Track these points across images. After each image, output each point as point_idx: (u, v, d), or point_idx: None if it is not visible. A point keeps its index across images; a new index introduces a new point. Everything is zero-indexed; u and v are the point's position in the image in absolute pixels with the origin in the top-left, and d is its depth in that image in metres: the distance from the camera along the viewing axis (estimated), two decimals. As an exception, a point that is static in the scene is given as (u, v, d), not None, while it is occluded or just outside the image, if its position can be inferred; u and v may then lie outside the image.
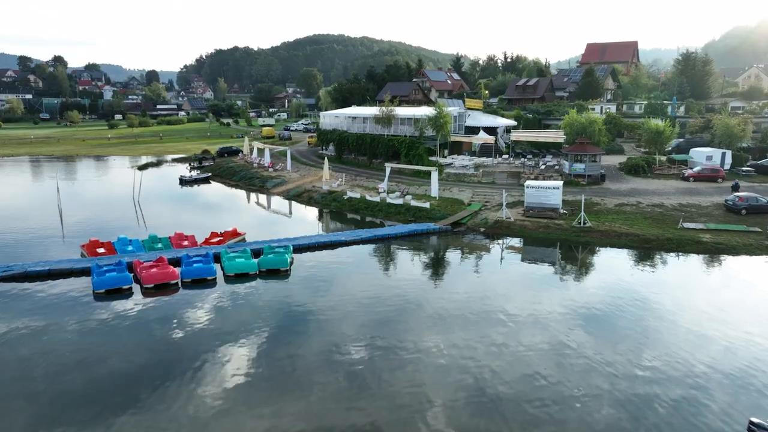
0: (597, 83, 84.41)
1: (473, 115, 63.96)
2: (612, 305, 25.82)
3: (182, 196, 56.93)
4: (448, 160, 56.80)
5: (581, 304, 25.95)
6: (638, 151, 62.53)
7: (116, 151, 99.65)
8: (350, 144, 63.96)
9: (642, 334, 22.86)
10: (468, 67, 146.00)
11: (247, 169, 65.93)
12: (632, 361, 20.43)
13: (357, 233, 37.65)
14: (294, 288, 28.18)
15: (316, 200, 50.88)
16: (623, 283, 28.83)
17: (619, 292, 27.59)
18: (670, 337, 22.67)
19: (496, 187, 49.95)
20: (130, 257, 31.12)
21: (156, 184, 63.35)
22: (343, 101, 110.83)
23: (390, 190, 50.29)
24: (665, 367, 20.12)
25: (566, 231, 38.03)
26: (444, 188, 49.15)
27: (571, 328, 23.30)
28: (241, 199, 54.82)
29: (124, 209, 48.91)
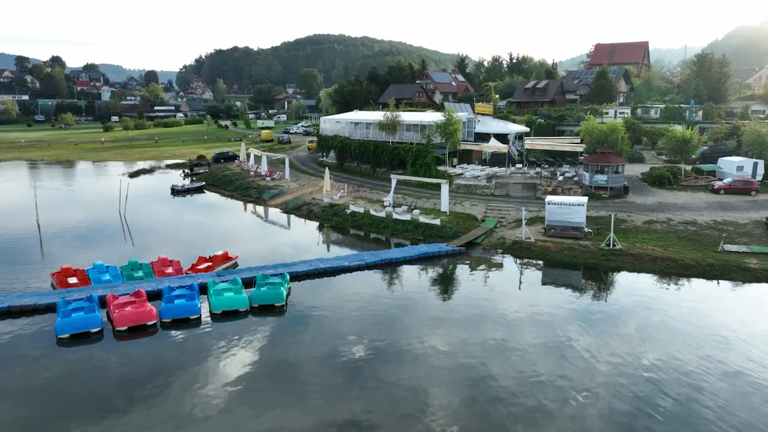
0: (610, 86, 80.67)
1: (483, 121, 60.19)
2: (669, 363, 21.77)
3: (173, 208, 53.15)
4: (458, 170, 53.01)
5: (630, 360, 21.98)
6: (659, 159, 58.72)
7: (109, 155, 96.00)
8: (352, 151, 60.21)
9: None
10: (472, 68, 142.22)
11: (243, 177, 62.19)
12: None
13: (361, 257, 33.86)
14: (291, 333, 24.24)
15: (316, 214, 47.10)
16: (674, 328, 24.61)
17: (676, 344, 23.54)
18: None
19: (511, 200, 46.17)
20: (104, 289, 27.36)
21: (146, 193, 59.66)
22: (344, 104, 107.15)
23: (396, 203, 46.54)
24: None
25: (594, 254, 34.23)
26: (454, 201, 45.39)
27: (626, 392, 19.49)
28: (235, 212, 51.01)
29: (108, 224, 45.21)
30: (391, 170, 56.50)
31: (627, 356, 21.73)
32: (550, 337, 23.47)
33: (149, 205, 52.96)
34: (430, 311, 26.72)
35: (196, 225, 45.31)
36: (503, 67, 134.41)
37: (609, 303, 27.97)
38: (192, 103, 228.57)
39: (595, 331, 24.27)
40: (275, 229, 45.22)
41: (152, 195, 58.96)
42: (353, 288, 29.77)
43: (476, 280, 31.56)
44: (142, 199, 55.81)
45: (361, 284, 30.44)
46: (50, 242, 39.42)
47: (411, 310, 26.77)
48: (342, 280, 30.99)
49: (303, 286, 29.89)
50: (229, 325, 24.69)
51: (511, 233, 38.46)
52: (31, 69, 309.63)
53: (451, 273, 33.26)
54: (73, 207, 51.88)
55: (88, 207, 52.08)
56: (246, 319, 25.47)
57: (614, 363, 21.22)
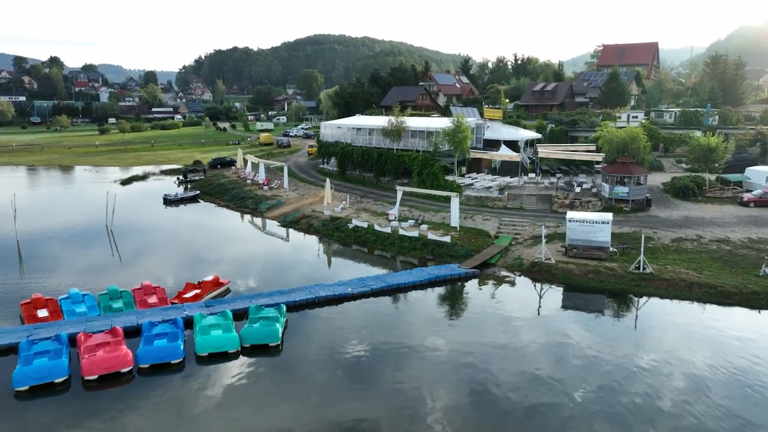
0: (622, 89, 77.46)
1: (492, 127, 57.01)
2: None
3: (164, 219, 49.98)
4: (467, 180, 49.83)
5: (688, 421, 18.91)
6: (679, 167, 55.52)
7: (103, 160, 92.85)
8: (354, 159, 57.04)
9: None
10: (476, 69, 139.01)
11: (239, 186, 59.04)
12: None
13: (366, 282, 30.69)
14: (286, 383, 20.98)
15: (316, 228, 43.95)
16: (737, 384, 21.61)
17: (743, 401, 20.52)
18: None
19: (526, 214, 42.98)
20: (76, 325, 24.22)
21: (137, 202, 56.60)
22: (345, 106, 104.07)
23: (402, 217, 43.42)
24: None
25: (622, 279, 31.05)
26: (465, 215, 42.22)
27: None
28: (230, 225, 47.79)
29: (94, 239, 42.13)
30: (396, 179, 53.41)
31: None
32: (586, 391, 20.32)
33: (139, 217, 49.83)
34: (444, 351, 23.54)
35: (187, 240, 42.16)
36: (508, 69, 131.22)
37: (650, 347, 24.35)
38: (191, 105, 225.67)
39: (640, 386, 21.08)
40: (272, 245, 41.98)
41: (144, 204, 55.86)
42: (357, 320, 26.60)
43: (494, 310, 28.33)
44: (133, 209, 52.81)
45: (365, 315, 27.27)
46: (28, 260, 36.31)
47: (423, 350, 23.60)
48: (345, 310, 27.82)
49: (301, 318, 26.72)
50: (216, 372, 21.52)
51: (529, 252, 35.30)
52: (29, 69, 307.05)
53: (465, 301, 30.06)
54: (57, 218, 48.73)
55: (74, 218, 48.98)
56: (236, 361, 22.30)
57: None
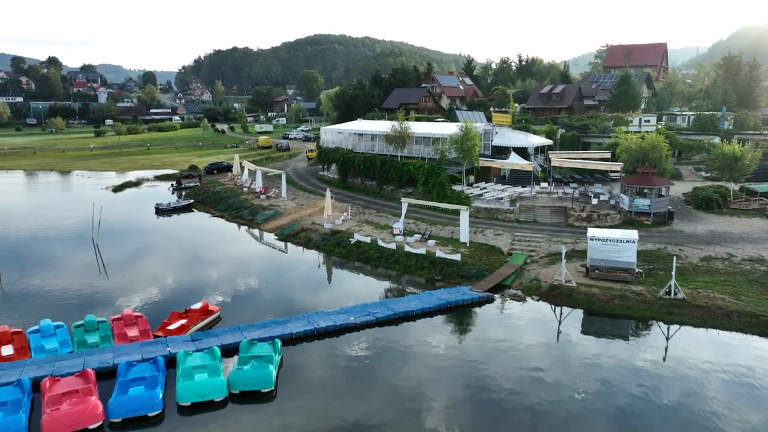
0: (634, 92, 74.58)
1: (501, 132, 54.19)
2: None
3: (154, 231, 47.18)
4: (476, 191, 47.01)
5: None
6: (698, 175, 52.69)
7: (96, 164, 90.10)
8: (356, 166, 54.24)
9: None
10: (480, 70, 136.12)
11: (235, 194, 56.25)
12: None
13: (369, 309, 27.88)
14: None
15: (315, 243, 41.16)
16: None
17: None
18: None
19: (540, 228, 40.15)
20: (42, 367, 21.43)
21: (128, 211, 53.87)
22: (345, 109, 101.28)
23: (407, 230, 40.64)
24: None
25: (651, 305, 28.24)
26: (475, 229, 39.42)
27: None
28: (223, 239, 44.90)
29: (77, 254, 39.43)
30: (400, 188, 50.64)
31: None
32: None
33: (128, 229, 47.08)
34: (459, 395, 20.76)
35: (176, 257, 39.35)
36: (512, 70, 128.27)
37: (688, 389, 21.78)
38: (189, 106, 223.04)
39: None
40: (268, 262, 39.07)
41: (134, 214, 53.12)
42: (361, 358, 23.81)
43: (512, 343, 25.50)
44: (123, 219, 50.18)
45: (370, 350, 24.48)
46: (5, 283, 33.52)
47: (437, 393, 20.82)
48: (347, 344, 25.02)
49: (299, 354, 23.93)
50: (199, 426, 18.73)
51: (547, 273, 32.50)
52: (26, 70, 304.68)
53: (479, 332, 27.21)
54: (39, 231, 45.98)
55: (58, 230, 46.30)
56: (222, 412, 19.51)
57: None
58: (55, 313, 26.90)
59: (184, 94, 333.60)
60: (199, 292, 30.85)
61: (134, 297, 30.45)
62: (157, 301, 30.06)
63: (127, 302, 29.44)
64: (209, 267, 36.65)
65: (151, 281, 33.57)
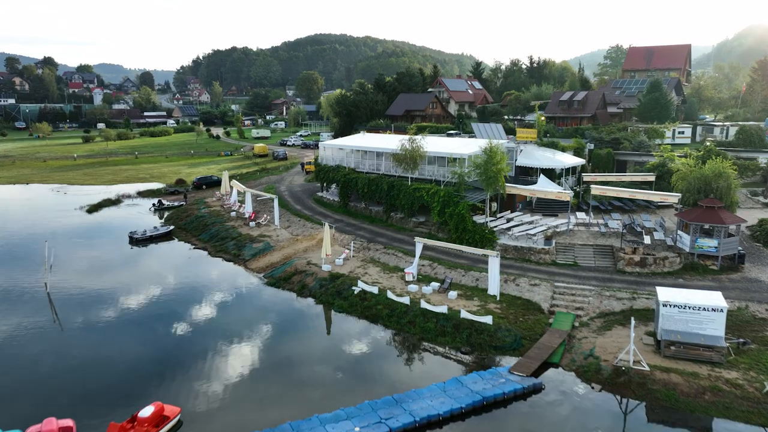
0: (666, 100, 67.35)
1: (526, 150, 47.14)
2: None
3: (122, 270, 39.92)
4: (501, 222, 39.91)
5: None
6: (756, 201, 45.57)
7: (77, 177, 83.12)
8: (359, 189, 47.17)
9: None
10: (489, 73, 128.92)
11: (221, 220, 49.20)
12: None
13: (380, 412, 20.79)
14: None
15: (311, 291, 34.14)
16: None
17: None
18: None
19: (583, 274, 33.04)
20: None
21: (98, 238, 47.05)
22: (347, 115, 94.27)
23: (422, 275, 33.67)
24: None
25: (755, 405, 21.16)
26: (504, 276, 32.39)
27: None
28: (201, 284, 37.31)
29: (21, 304, 32.40)
30: (410, 217, 43.59)
31: None
32: None
33: (92, 265, 40.11)
34: None
35: (140, 309, 32.27)
36: (523, 72, 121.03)
37: None
38: (185, 109, 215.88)
39: None
40: (251, 323, 31.48)
41: (104, 242, 46.25)
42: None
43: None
44: (89, 250, 43.39)
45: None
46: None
47: None
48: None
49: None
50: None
51: (604, 345, 25.46)
52: (21, 70, 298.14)
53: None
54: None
55: (7, 268, 39.23)
56: None
57: None
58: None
59: (182, 95, 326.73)
60: (156, 381, 23.73)
61: (63, 395, 22.95)
62: (94, 397, 22.75)
63: (53, 403, 22.33)
64: (175, 336, 29.30)
65: (95, 367, 25.27)
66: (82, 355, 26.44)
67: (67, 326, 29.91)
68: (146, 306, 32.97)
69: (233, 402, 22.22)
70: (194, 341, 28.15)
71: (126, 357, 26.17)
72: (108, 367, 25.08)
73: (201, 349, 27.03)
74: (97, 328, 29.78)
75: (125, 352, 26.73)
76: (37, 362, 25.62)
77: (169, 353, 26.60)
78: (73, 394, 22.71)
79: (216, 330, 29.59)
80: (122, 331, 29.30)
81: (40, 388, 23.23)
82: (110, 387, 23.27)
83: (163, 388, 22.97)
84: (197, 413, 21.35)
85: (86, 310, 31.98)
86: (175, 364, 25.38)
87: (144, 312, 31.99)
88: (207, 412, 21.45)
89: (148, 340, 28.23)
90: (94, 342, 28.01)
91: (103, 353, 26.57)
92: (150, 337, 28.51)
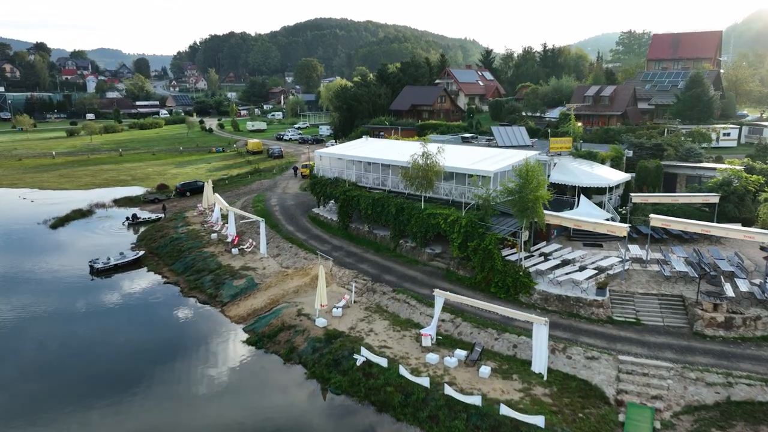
0: (708, 97, 59.38)
1: (561, 164, 39.53)
2: None
3: (68, 323, 32.48)
4: (537, 259, 32.38)
5: None
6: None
7: (52, 179, 75.69)
8: (362, 210, 39.64)
9: None
10: (500, 62, 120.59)
11: (199, 244, 41.84)
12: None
13: None
14: None
15: (301, 355, 26.85)
16: None
17: None
18: None
19: (651, 340, 25.59)
20: None
21: (51, 272, 39.69)
22: (348, 110, 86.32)
23: (444, 335, 26.40)
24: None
25: None
26: (549, 341, 24.95)
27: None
28: (162, 340, 30.00)
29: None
30: (423, 246, 36.14)
31: None
32: None
33: (34, 309, 32.87)
34: None
35: (80, 380, 25.01)
36: (536, 61, 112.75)
37: None
38: (179, 98, 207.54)
39: None
40: (223, 412, 24.70)
41: (62, 273, 39.04)
42: None
43: None
44: (35, 286, 36.15)
45: None
46: None
47: None
48: None
49: None
50: None
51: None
52: (11, 57, 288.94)
53: None
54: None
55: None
56: None
57: None
58: None
59: (178, 82, 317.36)
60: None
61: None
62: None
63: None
64: (119, 407, 22.23)
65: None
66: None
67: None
68: (97, 365, 25.66)
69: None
70: (155, 413, 20.95)
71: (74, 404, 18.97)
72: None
73: (164, 407, 19.84)
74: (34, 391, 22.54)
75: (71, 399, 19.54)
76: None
77: (125, 404, 19.43)
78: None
79: (177, 414, 22.30)
80: (66, 384, 22.04)
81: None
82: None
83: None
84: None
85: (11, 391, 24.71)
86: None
87: (87, 380, 24.69)
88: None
89: (99, 396, 21.03)
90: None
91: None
92: (103, 385, 21.30)
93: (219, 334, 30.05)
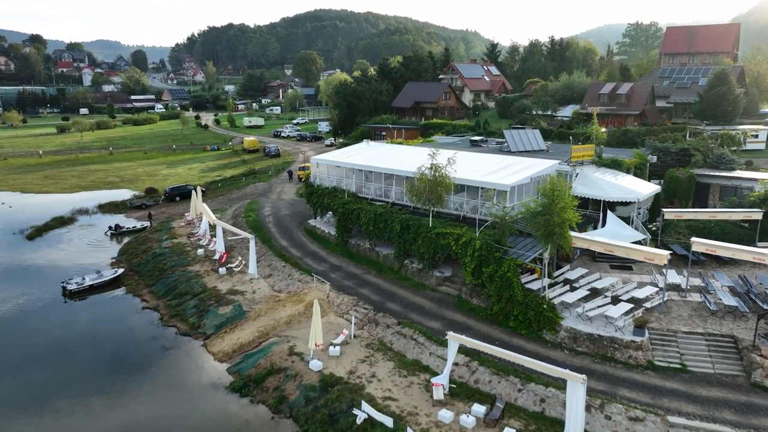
0: (734, 96, 55.36)
1: (583, 175, 35.61)
2: None
3: (21, 353, 28.83)
4: (564, 291, 28.50)
5: None
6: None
7: (36, 180, 71.96)
8: (363, 225, 35.76)
9: None
10: (505, 56, 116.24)
11: (183, 262, 38.06)
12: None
13: None
14: None
15: (292, 408, 23.10)
16: None
17: None
18: None
19: (703, 393, 21.79)
20: None
21: (24, 290, 35.87)
22: (348, 107, 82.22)
23: (458, 383, 22.62)
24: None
25: None
26: (588, 399, 21.16)
27: None
28: (132, 381, 26.45)
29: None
30: (431, 268, 32.31)
31: None
32: None
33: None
34: None
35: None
36: (543, 55, 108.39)
37: None
38: (175, 92, 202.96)
39: None
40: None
41: (28, 295, 35.34)
42: None
43: None
44: (8, 310, 32.48)
45: None
46: None
47: None
48: None
49: None
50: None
51: None
52: (6, 49, 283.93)
53: None
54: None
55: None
56: None
57: None
58: None
59: (176, 75, 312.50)
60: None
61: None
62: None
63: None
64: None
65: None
66: None
67: None
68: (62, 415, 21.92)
69: None
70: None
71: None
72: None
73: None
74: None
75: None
76: None
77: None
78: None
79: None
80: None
81: None
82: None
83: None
84: None
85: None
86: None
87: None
88: None
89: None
90: None
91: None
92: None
93: (199, 376, 26.26)
